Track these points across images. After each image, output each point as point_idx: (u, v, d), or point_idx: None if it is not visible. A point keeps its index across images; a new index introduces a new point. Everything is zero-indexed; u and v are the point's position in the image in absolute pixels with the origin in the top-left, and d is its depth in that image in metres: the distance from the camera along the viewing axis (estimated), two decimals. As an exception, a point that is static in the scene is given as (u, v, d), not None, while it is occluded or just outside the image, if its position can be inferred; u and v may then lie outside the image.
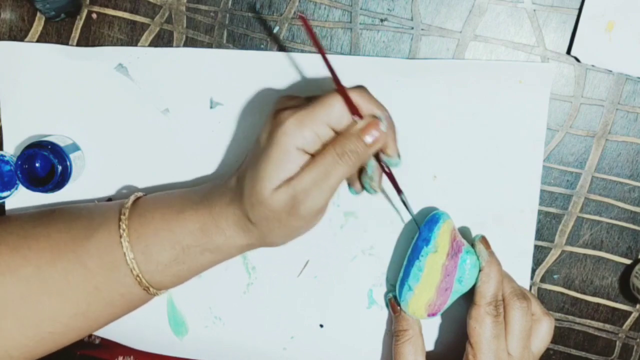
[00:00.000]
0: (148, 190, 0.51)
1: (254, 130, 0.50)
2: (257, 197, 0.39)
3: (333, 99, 0.38)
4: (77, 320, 0.43)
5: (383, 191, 0.49)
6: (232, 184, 0.42)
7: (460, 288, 0.46)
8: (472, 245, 0.47)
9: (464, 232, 0.50)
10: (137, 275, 0.42)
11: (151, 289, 0.43)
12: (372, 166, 0.42)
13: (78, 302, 0.42)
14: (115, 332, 0.52)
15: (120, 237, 0.41)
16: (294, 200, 0.38)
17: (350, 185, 0.46)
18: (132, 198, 0.45)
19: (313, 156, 0.39)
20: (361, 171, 0.44)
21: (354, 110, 0.39)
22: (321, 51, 0.39)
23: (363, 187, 0.45)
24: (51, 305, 0.42)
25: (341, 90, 0.38)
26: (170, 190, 0.46)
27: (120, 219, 0.42)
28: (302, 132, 0.38)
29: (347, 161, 0.38)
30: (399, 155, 0.42)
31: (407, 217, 0.50)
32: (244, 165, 0.42)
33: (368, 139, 0.39)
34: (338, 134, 0.39)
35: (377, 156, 0.42)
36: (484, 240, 0.47)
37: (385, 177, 0.44)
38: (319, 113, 0.38)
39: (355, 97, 0.39)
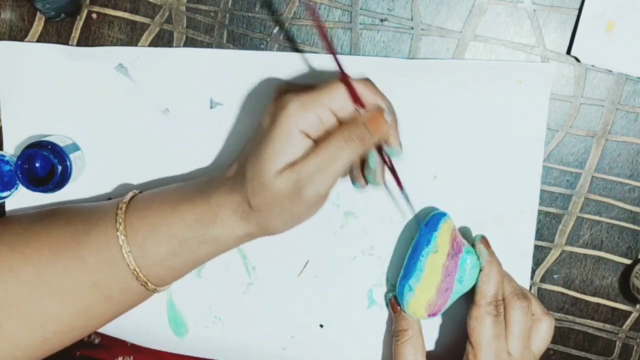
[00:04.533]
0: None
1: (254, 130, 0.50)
2: (260, 181, 0.39)
3: (337, 86, 0.39)
4: (79, 319, 0.43)
5: (386, 186, 0.49)
6: (231, 172, 0.41)
7: (461, 288, 0.46)
8: (473, 245, 0.47)
9: (464, 232, 0.50)
10: (134, 270, 0.42)
11: (149, 284, 0.43)
12: (374, 159, 0.42)
13: (78, 300, 0.42)
14: (115, 332, 0.52)
15: (117, 231, 0.42)
16: (297, 185, 0.38)
17: (354, 181, 0.46)
18: (129, 194, 0.45)
19: (315, 142, 0.39)
20: (363, 165, 0.44)
21: (357, 100, 0.39)
22: (327, 41, 0.40)
23: (367, 182, 0.45)
24: (53, 304, 0.42)
25: (345, 80, 0.39)
26: (168, 185, 0.46)
27: (117, 214, 0.42)
28: (305, 115, 0.38)
29: (353, 147, 0.38)
30: (400, 145, 0.42)
31: (409, 214, 0.50)
32: (244, 152, 0.42)
33: (373, 127, 0.39)
34: (341, 123, 0.40)
35: (378, 149, 0.42)
36: (484, 240, 0.47)
37: (387, 172, 0.44)
38: (323, 98, 0.38)
39: (360, 87, 0.39)
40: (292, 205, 0.39)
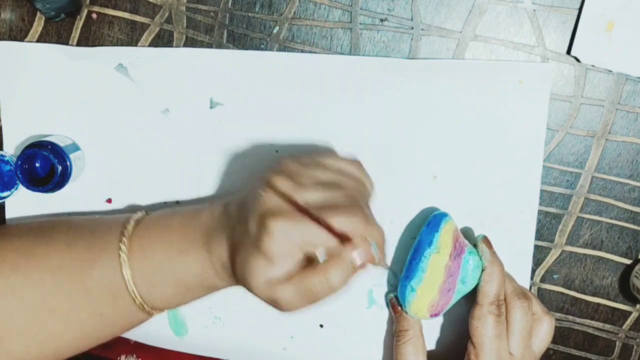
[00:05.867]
0: (148, 192, 0.51)
1: (254, 130, 0.50)
2: (244, 282, 0.39)
3: (321, 229, 0.37)
4: (81, 341, 0.43)
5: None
6: (228, 233, 0.40)
7: (463, 289, 0.46)
8: (474, 246, 0.47)
9: (466, 232, 0.50)
10: (140, 304, 0.42)
11: (155, 311, 0.44)
12: None
13: (82, 325, 0.43)
14: (115, 332, 0.52)
15: (121, 267, 0.41)
16: (276, 303, 0.38)
17: None
18: (132, 223, 0.44)
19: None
20: None
21: (342, 238, 0.37)
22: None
23: None
24: (54, 326, 0.42)
25: (326, 226, 0.37)
26: (170, 214, 0.45)
27: (120, 248, 0.42)
28: (287, 247, 0.37)
29: (335, 287, 0.38)
30: (386, 265, 0.41)
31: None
32: (240, 225, 0.40)
33: (358, 262, 0.38)
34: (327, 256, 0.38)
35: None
36: (486, 240, 0.47)
37: None
38: (308, 235, 0.37)
39: (344, 222, 0.37)
40: (273, 306, 0.39)
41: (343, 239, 0.37)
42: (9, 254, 0.43)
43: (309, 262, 0.39)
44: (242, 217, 0.40)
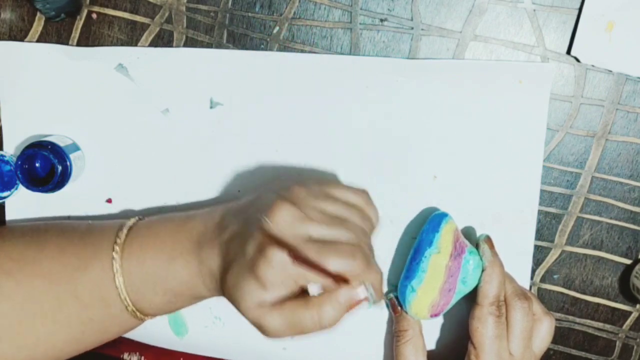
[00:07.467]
0: (148, 192, 0.51)
1: (254, 130, 0.50)
2: (233, 300, 0.38)
3: (318, 276, 0.37)
4: (71, 346, 0.43)
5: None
6: (222, 239, 0.40)
7: (464, 289, 0.46)
8: (476, 245, 0.47)
9: (468, 232, 0.50)
10: (132, 310, 0.42)
11: (147, 317, 0.44)
12: None
13: (72, 330, 0.43)
14: (115, 332, 0.52)
15: (114, 276, 0.42)
16: (262, 328, 0.38)
17: None
18: (124, 231, 0.43)
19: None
20: None
21: (337, 279, 0.37)
22: None
23: None
24: (46, 330, 0.42)
25: (323, 270, 0.37)
26: (162, 220, 0.45)
27: (113, 257, 0.42)
28: (283, 278, 0.37)
29: (326, 324, 0.38)
30: (381, 302, 0.41)
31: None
32: (236, 242, 0.39)
33: (352, 304, 0.38)
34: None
35: None
36: (488, 240, 0.47)
37: None
38: (306, 273, 0.37)
39: (342, 265, 0.37)
40: (258, 329, 0.39)
41: (340, 279, 0.37)
42: (0, 259, 0.43)
43: (303, 291, 0.38)
44: (240, 234, 0.39)
